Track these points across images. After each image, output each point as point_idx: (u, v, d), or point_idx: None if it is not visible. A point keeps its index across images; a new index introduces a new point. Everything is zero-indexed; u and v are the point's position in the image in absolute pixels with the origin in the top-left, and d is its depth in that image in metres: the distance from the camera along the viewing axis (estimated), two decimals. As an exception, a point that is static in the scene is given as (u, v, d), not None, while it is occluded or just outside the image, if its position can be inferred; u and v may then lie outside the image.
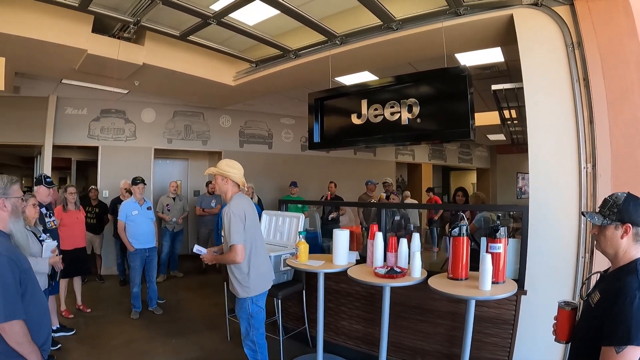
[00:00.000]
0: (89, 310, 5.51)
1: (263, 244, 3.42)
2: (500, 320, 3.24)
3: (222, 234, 3.28)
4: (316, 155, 9.38)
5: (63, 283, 5.19)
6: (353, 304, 4.05)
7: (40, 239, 3.62)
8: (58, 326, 4.58)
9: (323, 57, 4.74)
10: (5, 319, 1.83)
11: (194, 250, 3.30)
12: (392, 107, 4.03)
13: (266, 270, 3.33)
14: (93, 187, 7.25)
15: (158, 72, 5.49)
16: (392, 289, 3.30)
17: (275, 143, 9.57)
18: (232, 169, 3.19)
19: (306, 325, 4.39)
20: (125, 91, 7.04)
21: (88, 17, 4.39)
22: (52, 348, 4.09)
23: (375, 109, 4.17)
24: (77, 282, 5.47)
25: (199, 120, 8.72)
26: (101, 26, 4.66)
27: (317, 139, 4.73)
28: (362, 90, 4.38)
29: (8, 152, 13.32)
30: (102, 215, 7.11)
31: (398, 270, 3.26)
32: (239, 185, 3.26)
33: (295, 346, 4.35)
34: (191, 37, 4.73)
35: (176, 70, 5.42)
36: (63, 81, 6.44)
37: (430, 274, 3.25)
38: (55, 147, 7.54)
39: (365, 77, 5.57)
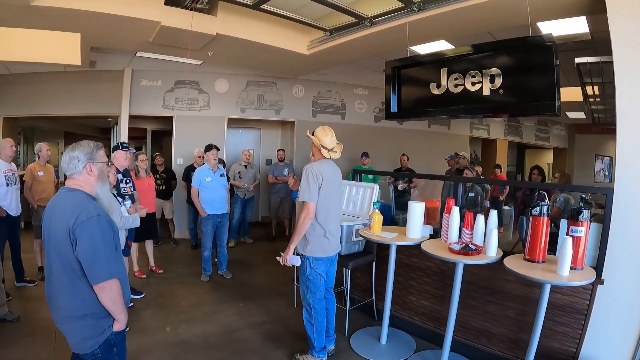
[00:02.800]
0: (161, 271, 5.80)
1: (337, 214, 3.41)
2: (572, 309, 3.04)
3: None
4: (389, 127, 9.28)
5: (135, 246, 5.48)
6: (423, 279, 3.97)
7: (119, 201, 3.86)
8: None
9: (400, 25, 4.54)
10: (109, 277, 1.92)
11: (292, 260, 3.38)
12: (474, 77, 3.81)
13: (330, 239, 3.33)
14: (158, 154, 7.50)
15: (231, 42, 5.52)
16: (464, 266, 3.19)
17: (348, 113, 9.44)
18: (318, 134, 3.32)
19: (373, 297, 4.37)
20: (199, 62, 7.20)
21: (160, -11, 4.48)
22: (125, 306, 4.38)
23: (456, 79, 3.95)
24: (148, 244, 5.76)
25: (272, 90, 8.77)
26: (174, -2, 4.75)
27: (394, 108, 4.56)
28: (441, 59, 4.15)
29: (86, 124, 14.23)
30: (169, 181, 7.38)
31: (473, 247, 3.15)
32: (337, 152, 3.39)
33: (360, 318, 4.36)
34: (264, 6, 4.69)
35: (249, 39, 5.42)
36: (137, 54, 6.67)
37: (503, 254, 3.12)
38: (131, 118, 7.92)
39: (441, 46, 5.31)
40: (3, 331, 3.83)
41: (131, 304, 4.55)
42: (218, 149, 5.61)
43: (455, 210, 3.39)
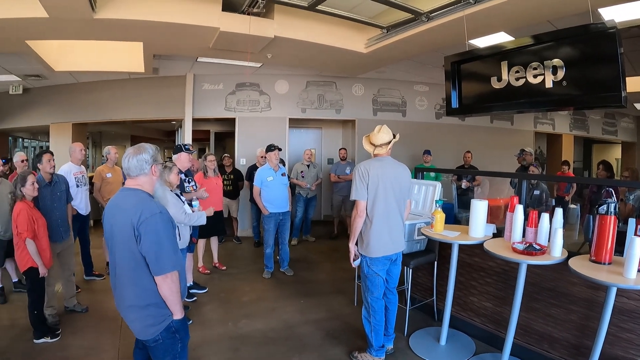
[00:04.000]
0: (224, 267, 6.02)
1: (393, 211, 3.32)
2: (638, 315, 2.82)
3: None
4: (450, 123, 9.08)
5: (201, 242, 5.73)
6: (485, 279, 3.86)
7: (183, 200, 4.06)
8: (191, 283, 4.98)
9: (457, 19, 4.42)
10: (172, 268, 2.06)
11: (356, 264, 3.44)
12: (535, 69, 3.66)
13: (387, 238, 3.28)
14: (226, 155, 7.73)
15: (289, 43, 5.62)
16: (528, 267, 3.07)
17: (409, 111, 9.32)
18: (371, 134, 3.38)
19: (434, 297, 4.31)
20: (259, 64, 7.37)
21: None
22: (188, 300, 4.62)
23: (517, 72, 3.82)
24: (213, 241, 5.98)
25: (332, 90, 8.81)
26: (230, 4, 4.89)
27: (455, 104, 4.49)
28: (501, 52, 4.02)
29: (152, 127, 14.95)
30: (237, 182, 7.60)
31: (537, 247, 3.02)
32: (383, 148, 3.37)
33: (420, 317, 4.32)
34: (320, 7, 4.73)
35: (307, 40, 5.50)
36: (198, 59, 6.94)
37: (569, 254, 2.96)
38: (195, 120, 8.30)
39: (500, 38, 5.11)
40: (72, 321, 4.16)
41: (194, 298, 4.80)
42: (280, 149, 5.72)
43: (519, 209, 3.26)
